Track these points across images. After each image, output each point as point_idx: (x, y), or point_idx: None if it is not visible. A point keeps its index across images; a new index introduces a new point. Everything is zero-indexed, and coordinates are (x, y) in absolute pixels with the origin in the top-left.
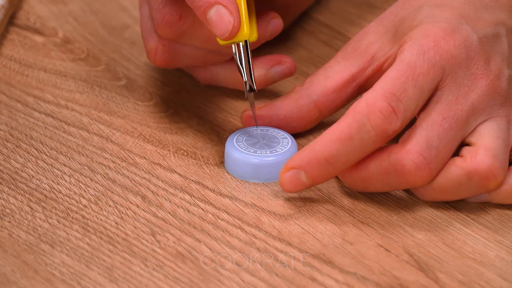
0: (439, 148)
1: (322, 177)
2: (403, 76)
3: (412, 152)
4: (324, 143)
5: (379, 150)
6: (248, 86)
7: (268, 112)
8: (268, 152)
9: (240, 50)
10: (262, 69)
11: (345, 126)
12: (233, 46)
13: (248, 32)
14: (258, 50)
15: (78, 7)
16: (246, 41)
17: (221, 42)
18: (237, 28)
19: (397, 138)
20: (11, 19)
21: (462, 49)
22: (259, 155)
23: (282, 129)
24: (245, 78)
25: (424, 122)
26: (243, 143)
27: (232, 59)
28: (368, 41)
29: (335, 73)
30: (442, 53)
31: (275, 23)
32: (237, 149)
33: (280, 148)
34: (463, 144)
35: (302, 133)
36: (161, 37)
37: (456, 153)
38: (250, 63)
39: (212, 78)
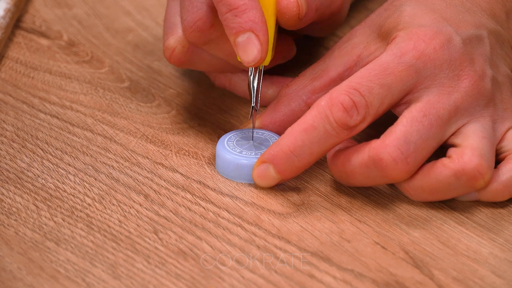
0: (417, 144)
1: (288, 170)
2: (371, 74)
3: (390, 146)
4: (290, 135)
5: (361, 144)
6: (253, 109)
7: (263, 122)
8: (254, 154)
9: (255, 73)
10: (271, 89)
11: (310, 117)
12: (249, 68)
13: (270, 58)
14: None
15: (83, 11)
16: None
17: (240, 59)
18: (262, 60)
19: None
20: (17, 23)
21: (445, 51)
22: (243, 155)
23: (280, 133)
24: (253, 103)
25: (405, 118)
26: (233, 143)
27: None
28: (354, 42)
29: (321, 72)
30: (419, 56)
31: (291, 51)
32: (225, 148)
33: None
34: (449, 145)
35: None
36: (185, 38)
37: (443, 154)
38: (259, 86)
39: (229, 85)
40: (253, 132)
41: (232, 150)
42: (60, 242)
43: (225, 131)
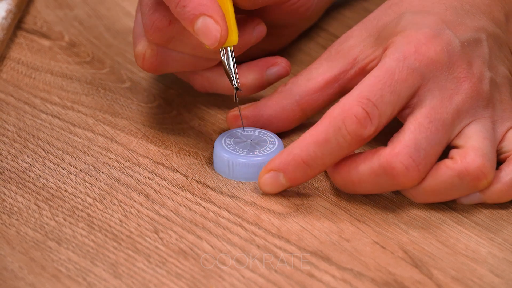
0: (427, 150)
1: (300, 178)
2: (380, 82)
3: (401, 154)
4: (303, 145)
5: (369, 152)
6: (236, 90)
7: (252, 113)
8: (245, 152)
9: (228, 55)
10: (258, 73)
11: (323, 130)
12: (220, 51)
13: (237, 37)
14: (256, 54)
15: (84, 12)
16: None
17: (207, 46)
18: (224, 37)
19: (386, 140)
20: (18, 24)
21: (444, 53)
22: (247, 155)
23: (266, 128)
24: (235, 84)
25: (412, 125)
26: (231, 142)
27: (221, 64)
28: (351, 44)
29: (317, 74)
30: (422, 59)
31: (259, 29)
32: (221, 146)
33: (268, 149)
34: (451, 147)
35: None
36: (150, 41)
37: (445, 156)
38: (235, 66)
39: (209, 85)
40: (240, 113)
41: (228, 148)
42: (62, 242)
43: (225, 131)
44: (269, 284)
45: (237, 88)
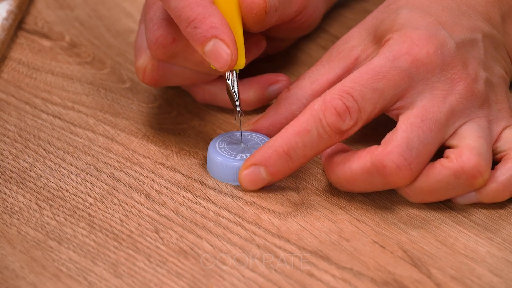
0: (419, 149)
1: (281, 171)
2: (363, 78)
3: (393, 153)
4: (284, 137)
5: (363, 151)
6: (239, 113)
7: (264, 125)
8: (238, 156)
9: (233, 78)
10: (259, 90)
11: (304, 120)
12: (226, 73)
13: (244, 61)
14: (258, 61)
15: (84, 12)
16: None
17: (214, 67)
18: (234, 61)
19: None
20: (19, 24)
21: (438, 55)
22: (228, 156)
23: None
24: (238, 107)
25: (404, 124)
26: (224, 147)
27: (222, 78)
28: (352, 44)
29: (320, 76)
30: (412, 61)
31: (260, 45)
32: (215, 150)
33: None
34: (446, 147)
35: None
36: (152, 57)
37: (440, 156)
38: (238, 88)
39: (210, 98)
40: (241, 136)
41: (221, 151)
42: (62, 241)
43: (225, 131)
44: (269, 284)
45: (239, 111)
